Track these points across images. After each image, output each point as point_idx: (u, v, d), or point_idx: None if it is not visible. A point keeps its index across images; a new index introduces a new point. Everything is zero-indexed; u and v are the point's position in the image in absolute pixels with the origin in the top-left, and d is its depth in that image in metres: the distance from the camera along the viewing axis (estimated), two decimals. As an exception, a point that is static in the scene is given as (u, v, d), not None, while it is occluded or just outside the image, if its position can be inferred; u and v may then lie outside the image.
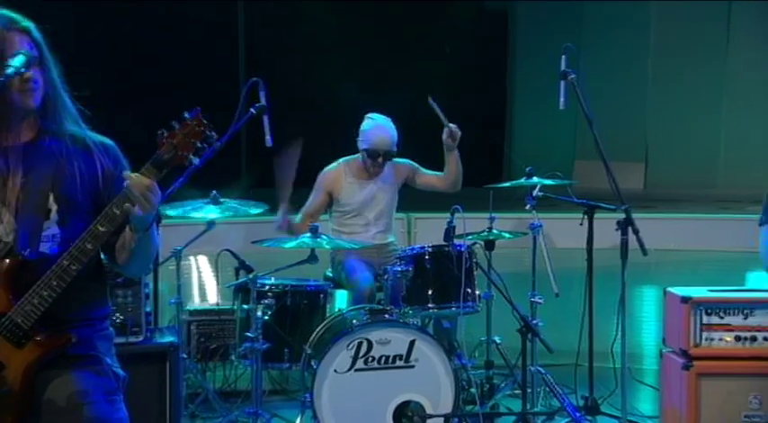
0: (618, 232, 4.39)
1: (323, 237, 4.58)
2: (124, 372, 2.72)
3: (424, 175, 5.45)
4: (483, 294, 4.96)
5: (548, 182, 5.17)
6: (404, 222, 7.52)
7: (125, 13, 11.49)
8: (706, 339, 4.30)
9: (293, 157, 4.90)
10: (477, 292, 4.72)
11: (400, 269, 4.65)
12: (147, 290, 4.33)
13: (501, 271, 4.89)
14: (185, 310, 5.15)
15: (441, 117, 5.09)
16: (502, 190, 5.37)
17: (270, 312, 4.57)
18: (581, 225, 4.87)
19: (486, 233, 5.04)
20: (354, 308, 4.71)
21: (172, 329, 4.80)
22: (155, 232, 2.59)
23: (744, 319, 4.30)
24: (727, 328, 4.30)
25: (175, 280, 5.02)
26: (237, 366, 5.16)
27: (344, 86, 11.35)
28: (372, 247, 5.22)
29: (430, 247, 4.72)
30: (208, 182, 4.70)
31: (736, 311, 4.30)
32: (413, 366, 4.35)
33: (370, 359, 4.33)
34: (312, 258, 4.54)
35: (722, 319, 4.30)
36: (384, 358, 4.34)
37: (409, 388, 4.34)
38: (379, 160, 5.28)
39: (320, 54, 12.71)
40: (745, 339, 4.29)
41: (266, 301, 4.57)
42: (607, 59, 12.66)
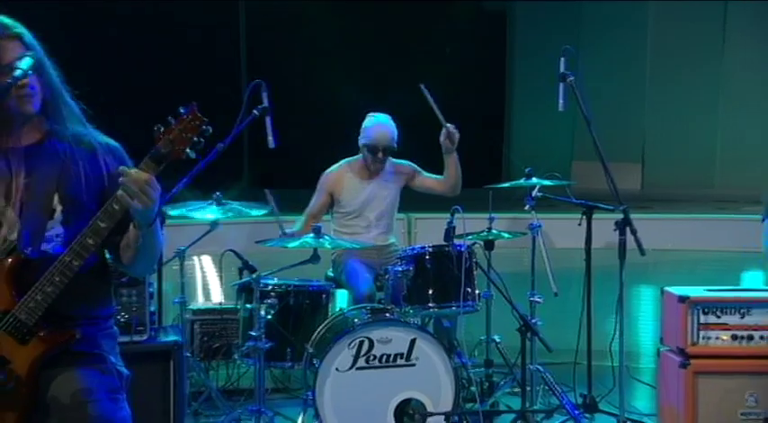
0: (616, 232, 4.42)
1: (325, 237, 4.62)
2: (128, 370, 2.73)
3: (423, 178, 5.46)
4: (483, 294, 4.99)
5: (547, 182, 5.18)
6: (404, 223, 7.54)
7: (125, 16, 11.48)
8: (703, 338, 4.33)
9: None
10: (476, 292, 4.74)
11: (401, 269, 4.67)
12: (151, 289, 4.35)
13: (500, 271, 4.90)
14: (189, 310, 5.17)
15: (435, 111, 5.06)
16: (501, 190, 5.38)
17: (273, 312, 4.61)
18: (579, 225, 4.90)
19: (486, 233, 5.06)
20: (356, 307, 4.74)
21: (176, 328, 4.83)
22: (159, 231, 2.59)
23: (740, 318, 4.33)
24: (724, 327, 4.33)
25: (179, 279, 5.03)
26: (240, 365, 5.19)
27: (345, 88, 11.35)
28: (373, 248, 5.24)
29: (430, 247, 4.74)
30: (210, 183, 4.73)
31: (732, 311, 4.33)
32: (413, 365, 4.37)
33: (371, 358, 4.35)
34: (314, 258, 4.57)
35: (719, 318, 4.34)
36: (385, 357, 4.36)
37: (410, 386, 4.37)
38: (380, 155, 5.29)
39: (321, 56, 12.71)
40: (742, 338, 4.32)
41: (269, 300, 4.60)
42: (605, 60, 12.65)
